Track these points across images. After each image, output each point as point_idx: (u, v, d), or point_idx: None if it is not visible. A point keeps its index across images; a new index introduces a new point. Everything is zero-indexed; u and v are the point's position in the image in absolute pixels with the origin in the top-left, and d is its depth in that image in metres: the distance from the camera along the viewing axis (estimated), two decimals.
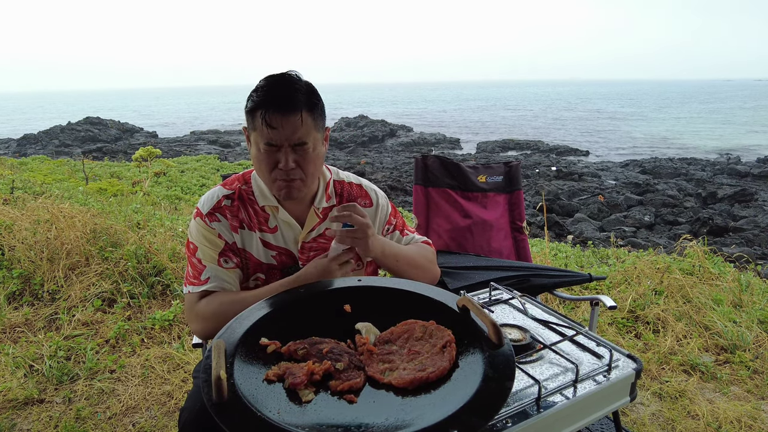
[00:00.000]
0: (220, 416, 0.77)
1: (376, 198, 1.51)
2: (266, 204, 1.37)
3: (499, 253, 2.51)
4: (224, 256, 1.37)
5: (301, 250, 1.40)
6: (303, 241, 1.40)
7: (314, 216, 1.40)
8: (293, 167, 1.25)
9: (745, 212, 9.42)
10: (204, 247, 1.36)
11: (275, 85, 1.24)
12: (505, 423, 0.94)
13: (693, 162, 15.88)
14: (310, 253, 1.40)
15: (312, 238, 1.40)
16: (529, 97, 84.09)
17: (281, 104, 1.22)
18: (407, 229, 1.59)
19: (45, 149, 19.25)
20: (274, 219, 1.38)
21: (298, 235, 1.39)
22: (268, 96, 1.23)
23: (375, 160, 16.21)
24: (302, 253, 1.40)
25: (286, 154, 1.24)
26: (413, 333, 1.00)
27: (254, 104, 1.24)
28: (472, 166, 2.57)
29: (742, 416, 2.22)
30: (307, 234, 1.39)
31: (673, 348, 2.77)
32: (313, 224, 1.40)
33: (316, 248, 1.41)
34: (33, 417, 2.19)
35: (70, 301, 3.14)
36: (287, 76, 1.27)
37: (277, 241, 1.39)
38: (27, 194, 5.38)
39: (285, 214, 1.38)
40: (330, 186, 1.45)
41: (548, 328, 1.27)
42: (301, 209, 1.40)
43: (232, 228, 1.37)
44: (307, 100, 1.25)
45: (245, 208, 1.38)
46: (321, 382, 0.90)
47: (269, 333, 1.01)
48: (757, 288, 3.47)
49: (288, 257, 1.40)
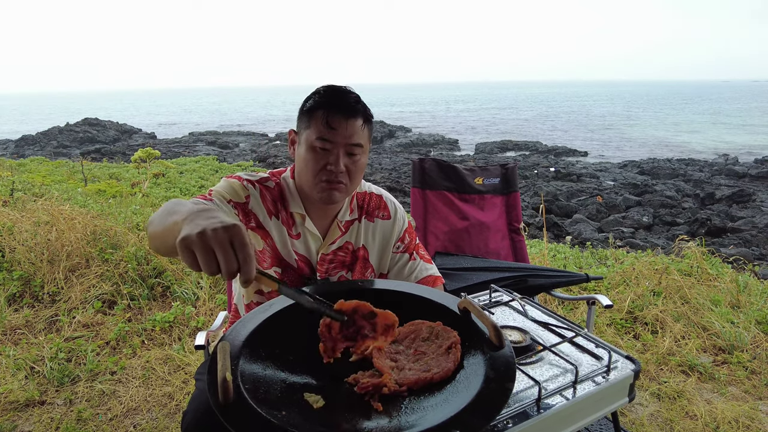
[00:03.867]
0: (226, 417, 0.78)
1: (394, 211, 1.49)
2: (295, 210, 1.36)
3: (496, 254, 2.52)
4: (233, 205, 1.28)
5: (320, 262, 1.39)
6: (323, 253, 1.39)
7: (337, 229, 1.40)
8: (342, 170, 1.26)
9: (742, 213, 9.46)
10: (222, 190, 1.29)
11: (338, 92, 1.29)
12: (506, 424, 0.95)
13: (691, 163, 15.92)
14: (328, 266, 1.40)
15: (332, 251, 1.40)
16: (530, 97, 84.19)
17: (345, 108, 1.26)
18: (418, 253, 1.50)
19: (43, 150, 19.22)
20: (300, 227, 1.37)
21: (319, 247, 1.39)
22: (332, 99, 1.27)
23: (374, 161, 16.22)
24: (320, 265, 1.39)
25: (338, 156, 1.25)
26: (420, 333, 1.01)
27: (316, 104, 1.27)
28: (468, 168, 2.59)
29: (740, 416, 2.24)
30: (327, 246, 1.39)
31: (671, 349, 2.79)
32: (335, 237, 1.40)
33: (334, 261, 1.41)
34: (34, 418, 2.20)
35: (70, 302, 3.15)
36: (347, 87, 1.31)
37: (299, 248, 1.38)
38: (27, 196, 5.38)
39: (311, 224, 1.37)
40: (354, 199, 1.45)
41: (548, 330, 1.29)
42: (325, 221, 1.40)
43: (266, 209, 1.33)
44: (365, 111, 1.30)
45: (282, 203, 1.36)
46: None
47: (272, 335, 1.02)
48: (755, 289, 3.49)
49: (307, 266, 1.39)
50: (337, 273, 1.42)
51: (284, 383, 0.91)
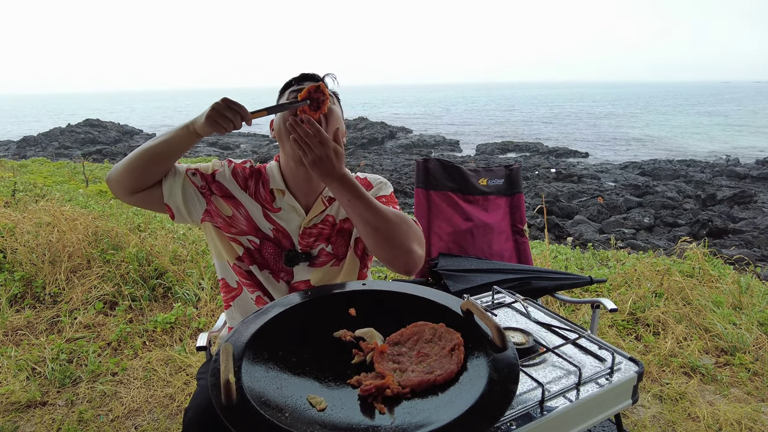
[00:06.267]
0: (230, 419, 0.78)
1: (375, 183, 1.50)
2: (275, 187, 1.41)
3: (500, 255, 2.52)
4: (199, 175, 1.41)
5: (302, 235, 1.42)
6: (305, 227, 1.42)
7: (321, 204, 1.43)
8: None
9: (744, 214, 9.44)
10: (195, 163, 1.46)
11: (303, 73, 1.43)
12: (509, 426, 0.94)
13: (692, 164, 15.90)
14: (310, 239, 1.42)
15: (313, 224, 1.43)
16: (531, 98, 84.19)
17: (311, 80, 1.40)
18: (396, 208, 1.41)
19: (45, 151, 19.25)
20: (280, 201, 1.42)
21: (301, 221, 1.42)
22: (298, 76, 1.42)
23: (375, 162, 16.22)
24: (302, 239, 1.42)
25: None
26: (423, 335, 1.01)
27: (284, 85, 1.43)
28: (472, 169, 2.59)
29: (743, 418, 2.23)
30: (309, 220, 1.42)
31: (673, 350, 2.78)
32: (318, 211, 1.43)
33: (315, 234, 1.43)
34: (36, 419, 2.20)
35: (71, 303, 3.15)
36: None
37: (279, 219, 1.42)
38: (28, 197, 5.39)
39: (291, 199, 1.41)
40: None
41: (550, 332, 1.28)
42: (310, 198, 1.43)
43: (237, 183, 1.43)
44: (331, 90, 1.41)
45: (256, 181, 1.44)
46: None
47: (274, 337, 1.02)
48: (757, 290, 3.48)
49: (285, 238, 1.42)
50: (318, 246, 1.43)
51: (287, 385, 0.91)
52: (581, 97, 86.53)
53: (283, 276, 1.44)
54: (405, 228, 1.26)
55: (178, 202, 1.37)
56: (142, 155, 1.29)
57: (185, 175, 1.38)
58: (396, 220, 1.25)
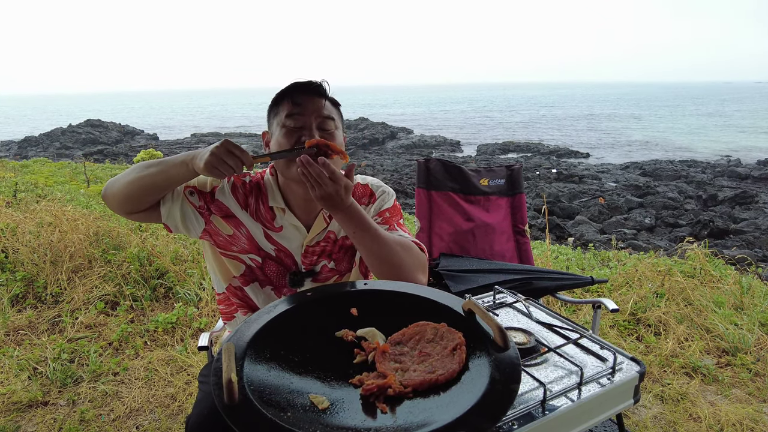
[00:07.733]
0: (232, 418, 0.78)
1: (377, 193, 1.47)
2: (275, 205, 1.37)
3: (501, 256, 2.52)
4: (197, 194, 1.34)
5: (305, 254, 1.40)
6: (307, 245, 1.39)
7: (322, 221, 1.40)
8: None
9: (745, 214, 9.43)
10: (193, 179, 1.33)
11: (299, 82, 1.31)
12: (511, 425, 0.94)
13: (693, 164, 15.89)
14: (313, 257, 1.40)
15: (315, 242, 1.40)
16: (531, 99, 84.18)
17: (308, 90, 1.29)
18: (399, 227, 1.41)
19: (46, 151, 19.28)
20: (281, 220, 1.38)
21: (303, 240, 1.39)
22: (295, 85, 1.29)
23: (375, 162, 16.23)
24: (305, 257, 1.40)
25: (311, 127, 1.27)
26: (424, 335, 1.01)
27: (280, 94, 1.30)
28: (474, 169, 2.59)
29: (744, 419, 2.23)
30: (311, 239, 1.39)
31: (674, 350, 2.78)
32: (320, 229, 1.40)
33: (318, 251, 1.41)
34: (37, 419, 2.20)
35: (73, 303, 3.15)
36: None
37: (281, 239, 1.39)
38: (30, 197, 5.39)
39: (292, 217, 1.37)
40: None
41: (552, 332, 1.28)
42: (310, 215, 1.40)
43: (236, 201, 1.36)
44: (331, 98, 1.33)
45: (256, 198, 1.38)
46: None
47: (276, 336, 1.02)
48: (758, 290, 3.48)
49: (287, 257, 1.39)
50: (320, 263, 1.42)
51: (289, 384, 0.91)
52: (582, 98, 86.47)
53: (285, 292, 1.42)
54: (409, 258, 1.28)
55: (176, 222, 1.34)
56: (139, 184, 1.24)
57: (183, 195, 1.34)
58: (400, 250, 1.26)
